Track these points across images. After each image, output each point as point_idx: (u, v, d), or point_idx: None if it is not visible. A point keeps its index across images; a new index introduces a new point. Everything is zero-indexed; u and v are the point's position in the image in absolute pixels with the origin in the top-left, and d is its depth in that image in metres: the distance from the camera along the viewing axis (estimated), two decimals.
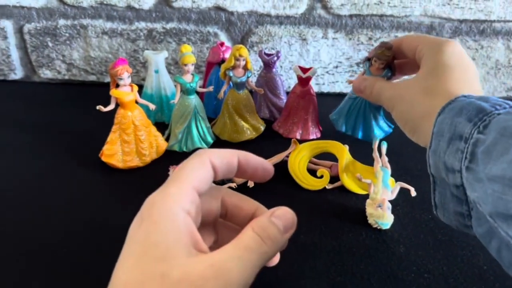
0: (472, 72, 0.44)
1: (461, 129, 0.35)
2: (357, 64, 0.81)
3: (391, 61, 0.57)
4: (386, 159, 0.54)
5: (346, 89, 0.67)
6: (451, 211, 0.38)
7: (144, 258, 0.27)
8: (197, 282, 0.26)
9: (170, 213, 0.28)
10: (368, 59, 0.59)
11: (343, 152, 0.57)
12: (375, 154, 0.55)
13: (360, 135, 0.65)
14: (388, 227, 0.49)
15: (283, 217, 0.32)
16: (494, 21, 0.77)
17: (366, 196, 0.54)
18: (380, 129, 0.65)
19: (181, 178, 0.31)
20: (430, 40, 0.47)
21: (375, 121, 0.65)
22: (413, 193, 0.52)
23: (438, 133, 0.37)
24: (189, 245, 0.28)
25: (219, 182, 0.55)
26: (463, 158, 0.34)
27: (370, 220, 0.50)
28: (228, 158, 0.33)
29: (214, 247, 0.30)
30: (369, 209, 0.50)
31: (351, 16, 0.77)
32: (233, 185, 0.55)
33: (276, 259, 0.38)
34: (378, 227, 0.49)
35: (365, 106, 0.64)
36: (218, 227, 0.37)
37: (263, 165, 0.35)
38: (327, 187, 0.57)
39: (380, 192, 0.51)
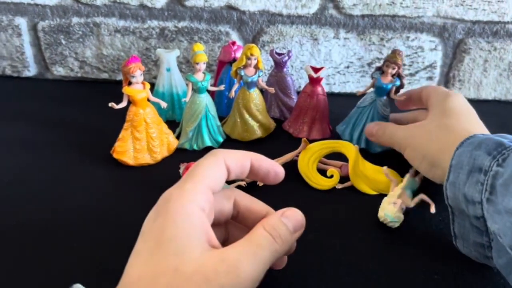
0: (477, 117, 0.49)
1: (480, 162, 0.36)
2: (368, 64, 0.81)
3: (401, 71, 0.60)
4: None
5: (357, 89, 0.67)
6: (471, 242, 0.39)
7: (158, 253, 0.27)
8: (209, 275, 0.26)
9: (185, 209, 0.29)
10: (378, 69, 0.62)
11: (353, 152, 0.57)
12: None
13: (363, 144, 0.65)
14: (396, 225, 0.49)
15: (292, 217, 0.33)
16: (507, 22, 0.76)
17: (376, 197, 0.54)
18: None
19: (197, 176, 0.31)
20: (439, 90, 0.54)
21: None
22: (433, 209, 0.50)
23: (457, 165, 0.38)
24: (203, 241, 0.29)
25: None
26: (483, 190, 0.35)
27: (380, 213, 0.50)
28: (242, 160, 0.34)
29: (224, 245, 0.30)
30: (384, 203, 0.50)
31: (363, 16, 0.77)
32: (242, 183, 0.55)
33: (283, 262, 0.38)
34: (386, 222, 0.49)
35: (372, 116, 0.64)
36: (228, 228, 0.38)
37: (275, 169, 0.36)
38: (337, 187, 0.57)
39: (399, 192, 0.51)
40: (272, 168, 0.36)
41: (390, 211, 0.49)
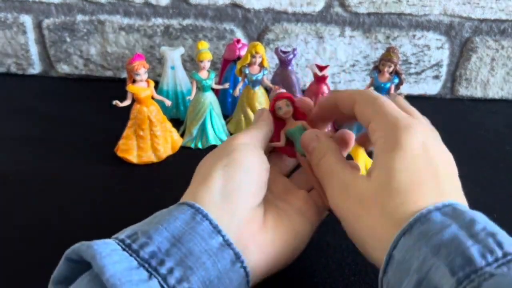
0: (443, 170, 0.30)
1: (437, 280, 0.24)
2: (374, 63, 0.80)
3: (398, 68, 0.60)
4: None
5: (362, 88, 0.66)
6: None
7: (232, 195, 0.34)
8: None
9: (250, 161, 0.36)
10: (375, 68, 0.62)
11: (358, 153, 0.56)
12: None
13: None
14: None
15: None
16: None
17: None
18: None
19: (252, 132, 0.39)
20: (387, 117, 0.33)
21: None
22: None
23: (401, 264, 0.26)
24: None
25: None
26: None
27: None
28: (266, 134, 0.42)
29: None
30: None
31: (369, 14, 0.76)
32: None
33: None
34: None
35: None
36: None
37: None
38: None
39: None
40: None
41: None
